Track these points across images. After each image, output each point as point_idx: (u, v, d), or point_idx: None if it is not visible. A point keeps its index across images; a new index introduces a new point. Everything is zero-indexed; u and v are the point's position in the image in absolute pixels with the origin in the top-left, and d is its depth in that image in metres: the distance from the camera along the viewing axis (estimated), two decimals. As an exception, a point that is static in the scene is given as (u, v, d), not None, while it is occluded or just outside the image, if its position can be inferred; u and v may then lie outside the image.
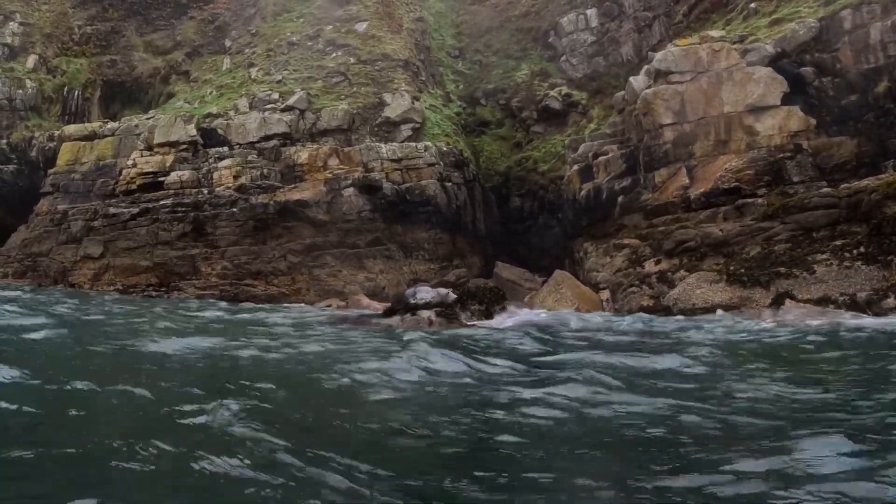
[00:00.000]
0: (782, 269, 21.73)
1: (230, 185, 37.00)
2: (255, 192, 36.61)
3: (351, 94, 41.04)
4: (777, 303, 16.31)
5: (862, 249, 21.82)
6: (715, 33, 32.88)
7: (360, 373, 11.42)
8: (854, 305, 16.19)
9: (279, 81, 42.53)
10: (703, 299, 22.29)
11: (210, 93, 44.69)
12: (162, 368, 11.81)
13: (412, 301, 15.11)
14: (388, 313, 15.28)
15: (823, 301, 16.21)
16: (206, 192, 37.14)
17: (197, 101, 44.04)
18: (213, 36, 51.09)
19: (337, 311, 28.66)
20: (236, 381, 10.55)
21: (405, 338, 14.47)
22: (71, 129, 43.38)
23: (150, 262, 35.91)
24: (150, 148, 39.22)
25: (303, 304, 32.61)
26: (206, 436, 7.41)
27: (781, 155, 28.53)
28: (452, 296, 15.39)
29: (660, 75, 31.86)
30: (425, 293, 15.29)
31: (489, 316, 15.20)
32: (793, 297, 16.43)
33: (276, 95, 41.08)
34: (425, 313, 14.56)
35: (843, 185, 25.68)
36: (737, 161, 29.20)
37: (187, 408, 8.46)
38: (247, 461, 6.55)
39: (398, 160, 37.84)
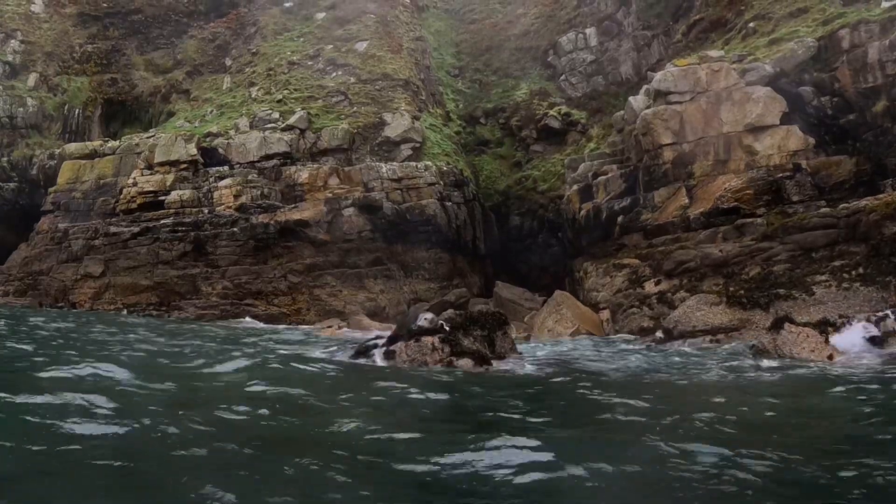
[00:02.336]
0: (781, 291, 21.79)
1: (231, 204, 37.06)
2: (256, 212, 36.66)
3: (351, 114, 41.15)
4: (776, 327, 16.31)
5: (860, 270, 21.88)
6: (714, 53, 32.97)
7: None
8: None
9: (279, 101, 42.63)
10: (704, 322, 22.33)
11: (210, 112, 44.80)
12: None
13: (414, 327, 15.14)
14: (392, 341, 15.27)
15: (822, 325, 16.22)
16: (206, 211, 37.21)
17: (197, 120, 44.13)
18: (214, 55, 51.22)
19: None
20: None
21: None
22: (71, 147, 43.45)
23: (150, 282, 35.97)
24: (150, 167, 39.28)
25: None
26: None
27: (780, 174, 28.59)
28: (456, 320, 15.40)
29: (659, 95, 31.95)
30: (427, 319, 15.32)
31: (491, 342, 15.18)
32: (792, 321, 16.44)
33: (276, 115, 41.18)
34: (428, 339, 14.59)
35: (841, 205, 25.71)
36: (736, 181, 29.26)
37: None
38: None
39: (398, 180, 37.93)
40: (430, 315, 15.41)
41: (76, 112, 48.39)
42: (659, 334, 23.45)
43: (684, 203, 30.28)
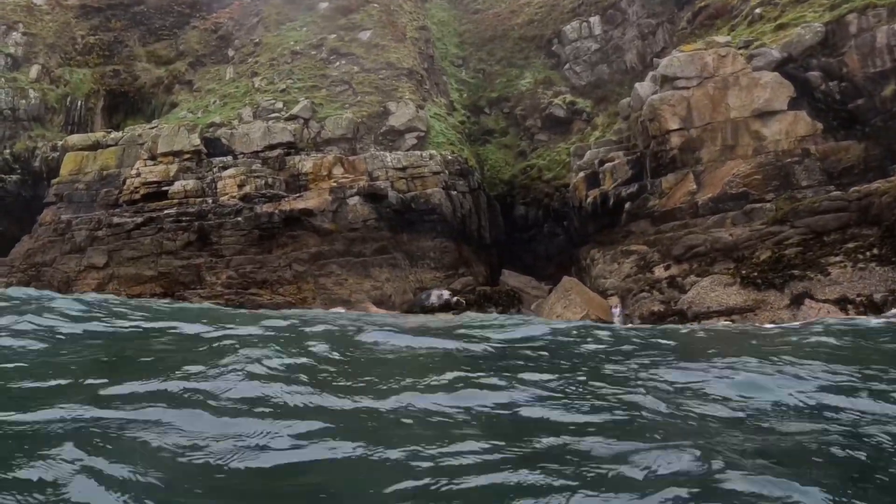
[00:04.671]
0: (796, 272, 21.64)
1: (234, 194, 36.90)
2: (260, 202, 36.51)
3: (355, 103, 40.97)
4: (796, 303, 16.13)
5: (875, 251, 21.72)
6: (721, 38, 32.87)
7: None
8: (871, 306, 16.04)
9: (283, 90, 42.48)
10: (718, 302, 22.17)
11: (213, 102, 44.62)
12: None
13: (427, 304, 15.00)
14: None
15: (841, 302, 16.06)
16: (210, 201, 37.04)
17: (200, 111, 43.97)
18: (216, 45, 51.06)
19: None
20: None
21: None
22: (74, 138, 43.25)
23: (154, 272, 35.77)
24: (153, 157, 39.13)
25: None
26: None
27: (789, 159, 28.49)
28: (470, 297, 15.24)
29: (666, 81, 31.80)
30: (440, 296, 15.17)
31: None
32: (812, 298, 16.26)
33: (279, 104, 41.03)
34: (442, 316, 14.47)
35: (852, 189, 25.59)
36: (744, 166, 29.15)
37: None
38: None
39: (403, 169, 37.77)
40: (445, 291, 15.26)
41: (79, 104, 48.21)
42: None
43: (692, 189, 30.15)
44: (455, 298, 14.18)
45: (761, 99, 29.67)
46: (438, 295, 14.76)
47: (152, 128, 41.66)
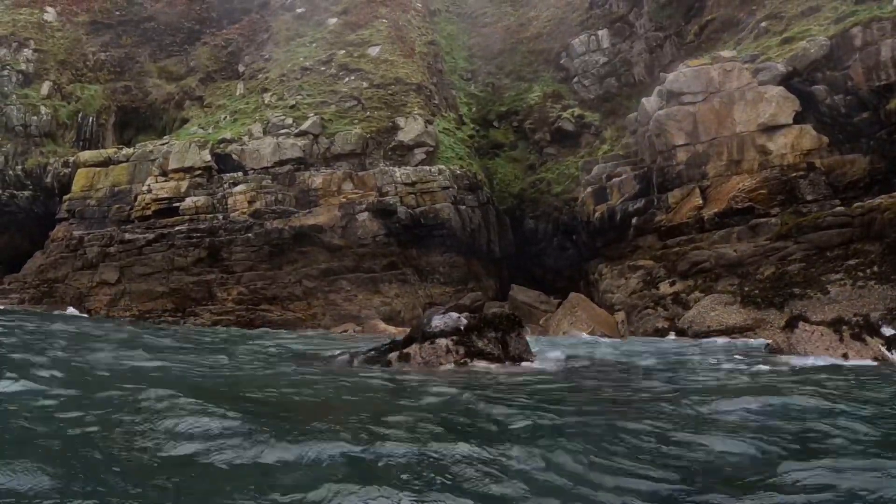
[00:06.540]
0: (796, 290, 21.78)
1: (245, 210, 37.12)
2: (270, 218, 36.72)
3: (364, 119, 41.12)
4: (790, 327, 16.23)
5: (875, 269, 21.83)
6: (726, 53, 32.96)
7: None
8: (867, 326, 16.10)
9: (293, 106, 42.63)
10: (718, 321, 22.30)
11: (224, 118, 44.82)
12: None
13: (428, 330, 15.11)
14: (407, 342, 15.22)
15: (836, 324, 16.14)
16: (221, 217, 37.27)
17: (211, 127, 44.17)
18: (227, 61, 51.26)
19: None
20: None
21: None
22: (86, 155, 43.47)
23: (165, 288, 36.01)
24: (164, 174, 39.37)
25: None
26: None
27: (794, 174, 28.58)
28: (470, 322, 15.32)
29: (672, 96, 31.94)
30: (441, 321, 15.27)
31: (505, 344, 15.12)
32: (806, 320, 16.38)
33: (289, 120, 41.18)
34: (443, 342, 14.58)
35: (856, 204, 25.68)
36: (750, 181, 29.25)
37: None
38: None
39: (412, 184, 37.91)
40: (454, 314, 15.32)
41: (90, 120, 48.41)
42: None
43: (698, 203, 30.28)
44: (458, 324, 14.19)
45: (767, 113, 29.79)
46: (454, 318, 14.62)
47: (163, 144, 41.91)
